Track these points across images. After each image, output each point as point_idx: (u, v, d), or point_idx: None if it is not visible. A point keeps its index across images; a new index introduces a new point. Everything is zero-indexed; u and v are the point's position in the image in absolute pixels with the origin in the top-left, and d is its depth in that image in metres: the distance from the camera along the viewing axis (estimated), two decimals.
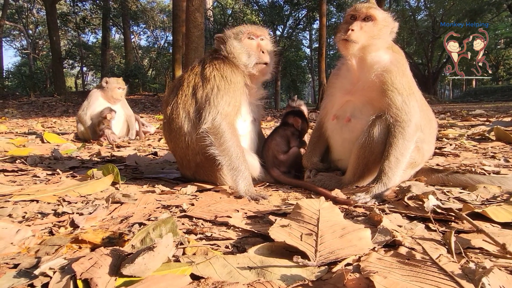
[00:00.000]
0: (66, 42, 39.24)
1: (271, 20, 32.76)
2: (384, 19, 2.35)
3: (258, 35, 2.66)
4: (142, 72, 28.43)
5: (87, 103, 6.01)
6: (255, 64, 2.57)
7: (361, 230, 1.44)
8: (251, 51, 2.58)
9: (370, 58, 2.34)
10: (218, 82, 2.41)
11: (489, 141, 4.44)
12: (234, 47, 2.57)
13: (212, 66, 2.51)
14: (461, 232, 1.54)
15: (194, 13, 13.30)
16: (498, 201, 1.96)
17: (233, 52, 2.56)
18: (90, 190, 2.37)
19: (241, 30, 2.63)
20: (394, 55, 2.36)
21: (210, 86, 2.41)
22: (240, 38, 2.61)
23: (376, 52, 2.34)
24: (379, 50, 2.35)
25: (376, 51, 2.34)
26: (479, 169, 2.81)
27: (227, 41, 2.60)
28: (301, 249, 1.29)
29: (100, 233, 1.52)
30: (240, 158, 2.34)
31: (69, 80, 50.30)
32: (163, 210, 1.98)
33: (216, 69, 2.49)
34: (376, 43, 2.32)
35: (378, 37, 2.30)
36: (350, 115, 2.47)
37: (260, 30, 2.70)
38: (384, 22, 2.34)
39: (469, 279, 1.04)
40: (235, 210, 1.92)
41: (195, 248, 1.40)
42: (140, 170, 3.19)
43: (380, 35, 2.31)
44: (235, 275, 1.17)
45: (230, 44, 2.58)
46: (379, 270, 1.10)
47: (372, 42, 2.31)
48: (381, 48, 2.36)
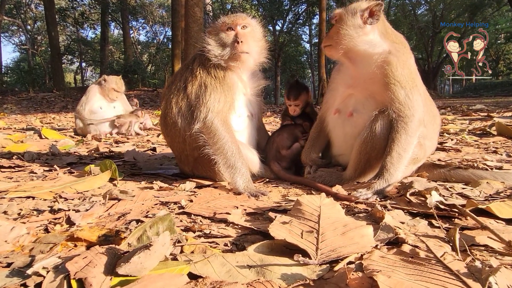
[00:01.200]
0: (65, 38, 39.05)
1: (271, 14, 32.56)
2: (351, 15, 2.24)
3: (237, 24, 2.47)
4: (141, 67, 28.33)
5: (85, 99, 5.97)
6: (231, 55, 2.42)
7: (363, 227, 1.40)
8: (225, 43, 2.45)
9: (362, 53, 2.26)
10: (204, 79, 2.38)
11: (491, 136, 4.40)
12: (208, 43, 2.46)
13: (199, 62, 2.49)
14: (465, 228, 1.50)
15: (193, 7, 13.19)
16: (501, 197, 1.92)
17: (207, 48, 2.45)
18: (87, 187, 2.34)
19: (216, 24, 2.51)
20: (393, 45, 2.26)
21: (198, 83, 2.39)
22: (216, 32, 2.50)
23: (366, 46, 2.24)
24: (370, 43, 2.24)
25: (364, 45, 2.24)
26: (481, 164, 2.77)
27: (204, 39, 2.51)
28: (302, 247, 1.26)
29: (96, 231, 1.48)
30: (236, 155, 2.30)
31: (68, 75, 50.13)
32: (161, 207, 1.94)
33: (202, 65, 2.47)
34: (357, 40, 2.23)
35: (354, 36, 2.22)
36: (353, 110, 2.42)
37: (240, 18, 2.49)
38: (350, 16, 2.24)
39: (475, 278, 1.01)
40: (234, 207, 1.89)
41: (193, 246, 1.36)
42: (139, 166, 3.15)
43: (351, 30, 2.22)
44: (234, 274, 1.14)
45: (204, 41, 2.48)
46: (382, 269, 1.06)
47: (345, 39, 2.23)
48: (371, 41, 2.25)
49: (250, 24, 2.54)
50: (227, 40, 2.46)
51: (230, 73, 2.46)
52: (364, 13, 2.22)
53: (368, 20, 2.22)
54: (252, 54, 2.50)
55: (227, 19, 2.49)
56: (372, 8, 2.20)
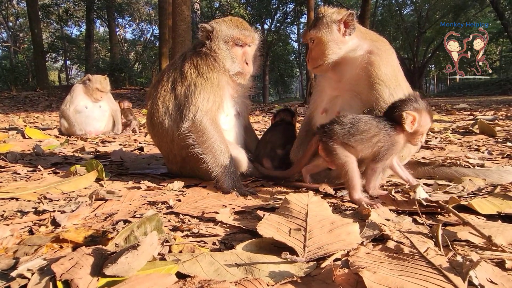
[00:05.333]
0: (49, 35, 38.16)
1: (259, 13, 32.59)
2: (328, 33, 2.25)
3: (247, 43, 2.54)
4: (128, 65, 27.95)
5: (70, 98, 5.86)
6: (237, 72, 2.50)
7: (350, 224, 1.43)
8: (235, 59, 2.49)
9: (346, 60, 2.29)
10: (194, 79, 2.37)
11: (473, 134, 4.53)
12: (220, 49, 2.45)
13: (190, 62, 2.46)
14: (448, 224, 1.55)
15: (181, 6, 13.08)
16: (483, 194, 1.98)
17: (218, 54, 2.45)
18: (73, 187, 2.30)
19: (231, 35, 2.47)
20: (373, 44, 2.29)
21: (187, 83, 2.38)
22: (228, 42, 2.48)
23: (349, 53, 2.28)
24: (352, 49, 2.28)
25: (348, 53, 2.28)
26: (464, 162, 2.85)
27: (214, 40, 2.46)
28: (290, 244, 1.27)
29: (82, 232, 1.46)
30: (225, 154, 2.31)
31: (52, 74, 49.07)
32: (149, 207, 1.93)
33: (194, 65, 2.44)
34: (335, 53, 2.26)
35: (337, 50, 2.25)
36: (340, 109, 2.45)
37: (249, 37, 2.53)
38: (327, 34, 2.25)
39: (456, 272, 1.04)
40: (223, 206, 1.89)
41: (182, 245, 1.36)
42: (126, 166, 3.12)
43: (333, 46, 2.25)
44: (222, 273, 1.14)
45: (217, 45, 2.45)
46: (367, 265, 1.09)
47: (331, 56, 2.26)
48: (352, 47, 2.28)
49: (255, 43, 2.60)
50: (236, 56, 2.50)
51: (222, 76, 2.48)
52: (340, 27, 2.25)
53: (346, 31, 2.25)
54: (253, 72, 2.61)
55: (241, 35, 2.49)
56: (345, 19, 2.23)
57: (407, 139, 1.99)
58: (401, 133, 1.94)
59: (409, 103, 1.94)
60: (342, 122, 1.98)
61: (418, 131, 1.96)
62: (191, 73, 2.41)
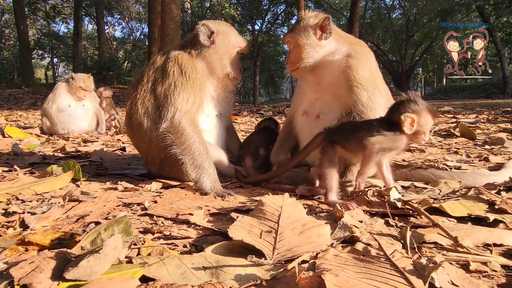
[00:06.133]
0: (35, 32, 37.41)
1: (250, 14, 32.58)
2: (305, 37, 2.28)
3: (242, 51, 2.67)
4: (116, 64, 27.60)
5: (52, 96, 5.75)
6: (232, 77, 2.60)
7: (321, 226, 1.43)
8: (234, 64, 2.58)
9: (325, 63, 2.31)
10: (176, 78, 2.35)
11: (454, 137, 4.61)
12: (225, 53, 2.54)
13: (174, 61, 2.44)
14: (419, 227, 1.57)
15: (170, 4, 13.01)
16: (457, 196, 2.01)
17: (221, 55, 2.52)
18: (47, 188, 2.26)
19: (239, 42, 2.60)
20: (352, 47, 2.31)
21: (168, 82, 2.36)
22: (236, 47, 2.59)
23: (327, 57, 2.30)
24: (329, 52, 2.30)
25: (325, 56, 2.30)
26: (442, 164, 2.89)
27: (220, 42, 2.52)
28: (258, 247, 1.27)
29: (50, 234, 1.43)
30: (204, 155, 2.29)
31: (38, 71, 48.14)
32: (124, 208, 1.90)
33: (177, 63, 2.42)
34: (317, 56, 2.29)
35: (314, 54, 2.28)
36: (319, 112, 2.47)
37: (247, 47, 2.69)
38: (304, 37, 2.28)
39: (419, 275, 1.05)
40: (198, 208, 1.88)
41: (151, 248, 1.35)
42: (105, 166, 3.07)
43: (309, 50, 2.27)
44: (188, 276, 1.13)
45: (223, 47, 2.53)
46: (333, 268, 1.09)
47: (307, 59, 2.29)
48: (330, 50, 2.30)
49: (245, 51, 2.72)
50: (236, 62, 2.60)
51: (206, 77, 2.49)
52: (316, 31, 2.27)
53: (322, 36, 2.27)
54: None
55: (242, 42, 2.63)
56: (321, 24, 2.25)
57: (410, 139, 1.99)
58: (403, 134, 1.94)
59: (407, 105, 1.93)
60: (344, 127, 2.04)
61: (419, 131, 1.94)
62: (173, 71, 2.39)
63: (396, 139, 1.93)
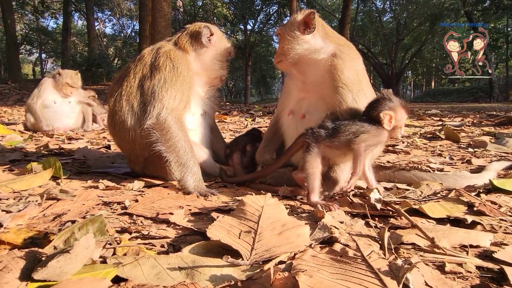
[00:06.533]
0: (23, 26, 36.63)
1: (242, 14, 32.54)
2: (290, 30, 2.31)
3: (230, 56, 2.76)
4: (106, 61, 27.22)
5: (37, 92, 5.63)
6: (220, 79, 2.72)
7: (301, 226, 1.43)
8: (222, 66, 2.69)
9: (309, 61, 2.31)
10: (167, 74, 2.31)
11: (439, 140, 4.67)
12: (221, 55, 2.65)
13: (166, 56, 2.40)
14: (398, 228, 1.57)
15: (161, 2, 12.89)
16: (437, 198, 2.04)
17: (218, 57, 2.63)
18: (25, 186, 2.20)
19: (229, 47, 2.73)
20: (338, 48, 2.31)
21: (158, 77, 2.31)
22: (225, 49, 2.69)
23: (311, 54, 2.30)
24: (314, 50, 2.30)
25: (310, 53, 2.30)
26: (425, 166, 2.93)
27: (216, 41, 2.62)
28: (235, 247, 1.25)
29: (23, 233, 1.39)
30: (189, 153, 2.27)
31: (26, 67, 47.21)
32: (103, 207, 1.87)
33: (170, 59, 2.39)
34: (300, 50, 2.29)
35: (297, 47, 2.29)
36: (305, 111, 2.46)
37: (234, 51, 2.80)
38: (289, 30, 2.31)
39: (393, 276, 1.05)
40: (180, 207, 1.85)
41: (127, 248, 1.32)
42: (88, 164, 3.02)
43: (293, 43, 2.29)
44: (163, 277, 1.11)
45: (219, 48, 2.64)
46: (309, 268, 1.09)
47: (290, 52, 2.30)
48: (314, 48, 2.31)
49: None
50: (223, 64, 2.70)
51: (195, 75, 2.50)
52: (301, 25, 2.30)
53: (306, 30, 2.29)
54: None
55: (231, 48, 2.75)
56: (305, 18, 2.27)
57: (389, 134, 2.11)
58: (383, 130, 2.05)
59: (383, 103, 2.06)
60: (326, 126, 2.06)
61: (396, 126, 2.08)
62: (165, 66, 2.36)
63: (379, 133, 2.04)
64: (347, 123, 2.05)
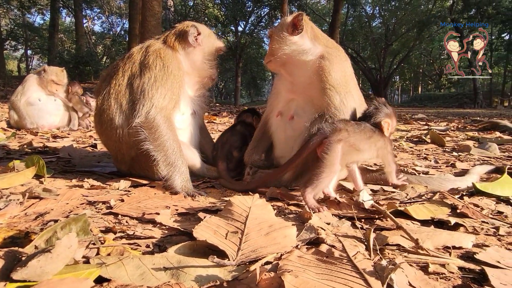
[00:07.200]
0: (8, 22, 35.74)
1: (233, 15, 32.55)
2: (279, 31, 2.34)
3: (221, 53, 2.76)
4: (95, 59, 26.84)
5: (21, 89, 5.50)
6: (210, 78, 2.69)
7: (287, 227, 1.43)
8: (214, 65, 2.68)
9: (297, 62, 2.33)
10: (157, 72, 2.28)
11: (425, 144, 4.76)
12: (210, 54, 2.63)
13: (156, 54, 2.38)
14: (384, 229, 1.59)
15: (151, 1, 12.77)
16: (422, 200, 2.07)
17: (207, 56, 2.61)
18: (7, 184, 2.14)
19: (220, 45, 2.71)
20: (326, 50, 2.34)
21: (148, 76, 2.29)
22: (219, 51, 2.71)
23: (299, 55, 2.32)
24: (302, 51, 2.32)
25: (298, 54, 2.32)
26: (411, 169, 2.98)
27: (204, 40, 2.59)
28: (222, 248, 1.25)
29: (3, 232, 1.35)
30: (177, 153, 2.25)
31: (11, 63, 46.12)
32: (88, 207, 1.83)
33: (160, 57, 2.36)
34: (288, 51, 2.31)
35: (285, 48, 2.31)
36: (294, 113, 2.47)
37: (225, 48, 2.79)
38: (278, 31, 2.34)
39: (378, 276, 1.06)
40: (166, 207, 1.83)
41: (111, 248, 1.30)
42: (73, 163, 2.96)
43: (281, 43, 2.31)
44: (147, 277, 1.10)
45: (209, 49, 2.62)
46: (294, 269, 1.09)
47: (278, 52, 2.32)
48: (303, 49, 2.32)
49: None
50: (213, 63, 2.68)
51: (185, 74, 2.49)
52: (289, 26, 2.33)
53: (294, 31, 2.31)
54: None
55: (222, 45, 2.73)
56: (294, 20, 2.30)
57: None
58: (383, 135, 2.19)
59: (382, 111, 2.21)
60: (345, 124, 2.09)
61: (390, 133, 2.29)
62: (156, 65, 2.33)
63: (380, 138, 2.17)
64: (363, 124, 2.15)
